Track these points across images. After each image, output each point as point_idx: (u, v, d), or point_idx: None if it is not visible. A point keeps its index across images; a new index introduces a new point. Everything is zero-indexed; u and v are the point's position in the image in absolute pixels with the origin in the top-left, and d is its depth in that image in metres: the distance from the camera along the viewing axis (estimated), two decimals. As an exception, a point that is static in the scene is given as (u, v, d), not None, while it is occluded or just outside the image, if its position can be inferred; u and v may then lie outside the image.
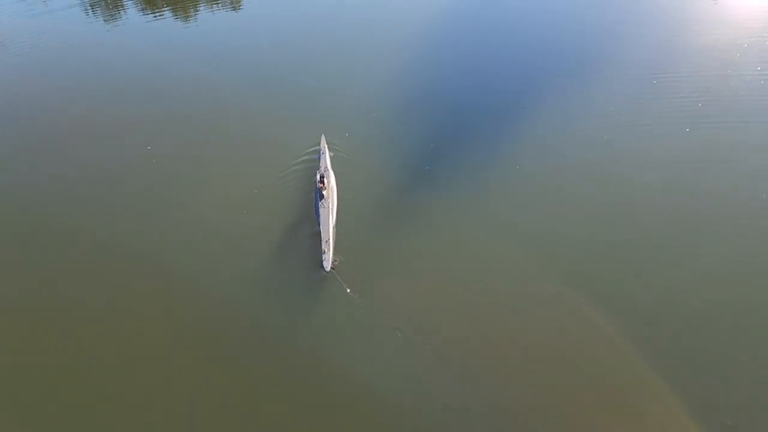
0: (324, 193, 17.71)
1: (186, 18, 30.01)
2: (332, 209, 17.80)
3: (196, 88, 22.71)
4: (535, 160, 17.20)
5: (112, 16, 30.73)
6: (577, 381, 11.83)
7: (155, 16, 30.18)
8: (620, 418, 11.50)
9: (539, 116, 19.04)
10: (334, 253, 16.49)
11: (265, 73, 23.38)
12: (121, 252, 15.34)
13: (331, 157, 19.19)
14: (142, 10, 31.47)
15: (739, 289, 13.02)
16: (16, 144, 20.18)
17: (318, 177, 18.14)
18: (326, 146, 19.78)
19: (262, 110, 21.24)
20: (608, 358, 12.18)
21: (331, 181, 18.65)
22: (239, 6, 31.58)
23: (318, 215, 17.33)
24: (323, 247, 16.52)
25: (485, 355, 12.57)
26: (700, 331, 12.43)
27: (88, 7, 31.74)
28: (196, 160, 18.71)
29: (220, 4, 31.71)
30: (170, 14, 30.36)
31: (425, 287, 14.12)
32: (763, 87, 19.72)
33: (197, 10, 30.75)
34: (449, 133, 18.82)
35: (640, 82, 20.37)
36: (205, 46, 26.54)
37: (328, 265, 16.21)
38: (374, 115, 19.94)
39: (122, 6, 32.07)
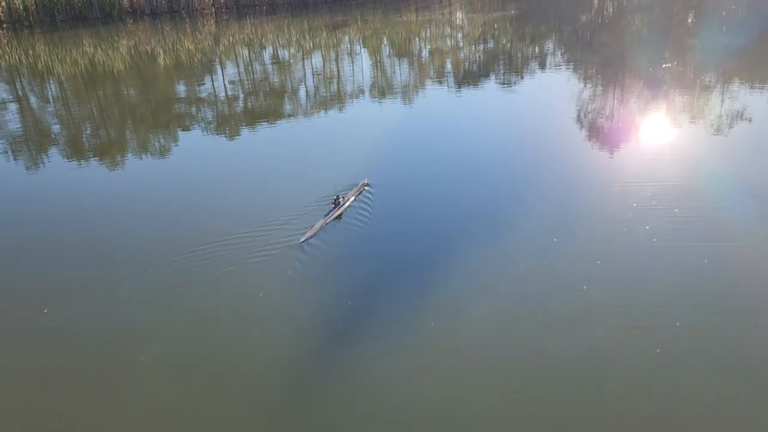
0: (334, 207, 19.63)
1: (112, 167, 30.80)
2: (334, 212, 19.45)
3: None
4: (448, 317, 15.54)
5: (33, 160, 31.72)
6: None
7: (79, 164, 30.88)
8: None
9: (453, 271, 17.76)
10: (313, 235, 18.35)
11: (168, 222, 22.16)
12: None
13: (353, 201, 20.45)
14: (66, 156, 32.44)
15: None
16: None
17: (333, 198, 19.68)
18: (359, 190, 21.02)
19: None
20: None
21: (348, 201, 20.17)
22: (168, 153, 32.46)
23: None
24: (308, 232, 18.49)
25: None
26: None
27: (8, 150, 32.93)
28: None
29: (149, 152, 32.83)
30: (96, 162, 31.10)
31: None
32: (654, 246, 18.53)
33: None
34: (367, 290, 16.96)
35: (541, 239, 19.36)
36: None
37: (303, 238, 18.14)
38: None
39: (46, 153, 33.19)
